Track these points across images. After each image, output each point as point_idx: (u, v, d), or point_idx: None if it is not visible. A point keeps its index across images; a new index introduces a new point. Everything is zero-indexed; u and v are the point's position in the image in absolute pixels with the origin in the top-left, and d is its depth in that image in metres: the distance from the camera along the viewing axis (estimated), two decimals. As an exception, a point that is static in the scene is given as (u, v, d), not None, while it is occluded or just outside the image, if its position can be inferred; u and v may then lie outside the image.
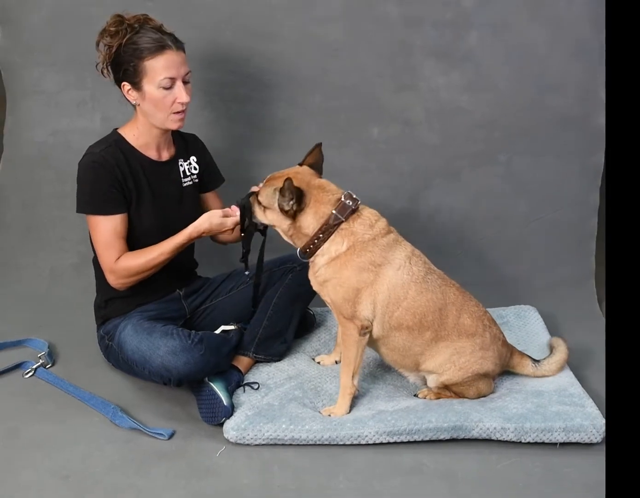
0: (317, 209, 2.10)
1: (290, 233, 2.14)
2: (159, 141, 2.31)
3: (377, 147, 3.07)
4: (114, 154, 2.22)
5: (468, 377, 2.17)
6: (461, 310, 2.17)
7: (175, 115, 2.22)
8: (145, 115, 2.25)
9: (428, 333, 2.14)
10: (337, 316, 2.16)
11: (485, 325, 2.20)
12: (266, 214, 2.15)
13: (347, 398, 2.17)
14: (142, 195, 2.28)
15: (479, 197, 3.11)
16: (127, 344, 2.24)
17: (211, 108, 2.98)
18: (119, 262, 2.23)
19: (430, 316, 2.13)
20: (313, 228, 2.10)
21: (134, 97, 2.22)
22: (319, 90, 3.00)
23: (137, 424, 2.13)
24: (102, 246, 2.24)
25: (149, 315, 2.33)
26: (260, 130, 3.03)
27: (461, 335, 2.15)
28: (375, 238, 2.11)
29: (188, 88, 2.22)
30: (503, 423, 2.07)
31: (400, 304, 2.11)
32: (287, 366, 2.41)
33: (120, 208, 2.23)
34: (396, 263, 2.11)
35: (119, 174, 2.21)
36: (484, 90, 3.02)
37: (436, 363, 2.16)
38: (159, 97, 2.18)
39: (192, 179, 2.44)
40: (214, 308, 2.52)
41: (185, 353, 2.11)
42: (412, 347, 2.15)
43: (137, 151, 2.28)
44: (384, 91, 3.01)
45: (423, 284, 2.12)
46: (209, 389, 2.18)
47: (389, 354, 2.21)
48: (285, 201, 2.07)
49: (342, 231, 2.10)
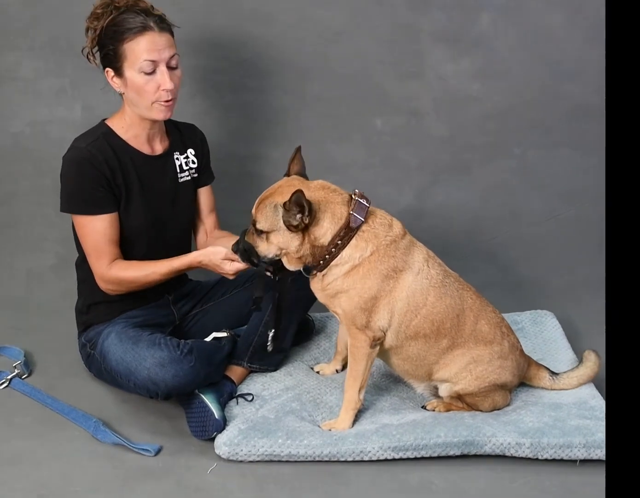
0: (333, 212, 2.02)
1: (301, 253, 2.03)
2: (150, 133, 2.29)
3: (380, 140, 3.07)
4: (102, 148, 2.20)
5: (484, 387, 2.16)
6: (478, 316, 2.16)
7: (161, 104, 2.19)
8: (130, 104, 2.23)
9: (445, 341, 2.13)
10: (347, 327, 2.13)
11: (504, 332, 2.20)
12: (270, 240, 2.03)
13: (350, 413, 2.15)
14: (131, 193, 2.26)
15: (490, 193, 3.12)
16: (110, 354, 2.23)
17: (202, 97, 2.97)
18: (111, 270, 2.22)
19: (448, 323, 2.12)
20: (331, 234, 2.02)
21: (118, 85, 2.20)
22: (319, 78, 3.00)
23: (120, 439, 2.12)
24: (92, 251, 2.22)
25: (135, 321, 2.32)
26: (255, 121, 3.02)
27: (478, 342, 2.15)
28: (395, 240, 2.08)
29: (175, 75, 2.19)
30: (518, 438, 2.05)
31: (418, 312, 2.09)
32: (284, 377, 2.40)
33: (109, 206, 2.21)
34: (416, 267, 2.09)
35: (108, 170, 2.19)
36: (496, 77, 3.02)
37: (451, 372, 2.16)
38: (141, 83, 2.15)
39: (190, 174, 2.42)
40: (205, 314, 2.50)
41: (173, 365, 2.10)
42: (427, 356, 2.14)
43: (127, 145, 2.26)
44: (388, 79, 3.01)
45: (442, 289, 2.11)
46: (199, 401, 2.16)
47: (400, 364, 2.19)
48: (291, 215, 1.97)
49: (363, 233, 2.04)
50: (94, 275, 2.26)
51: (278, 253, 2.07)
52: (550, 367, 2.34)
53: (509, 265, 3.11)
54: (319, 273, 2.09)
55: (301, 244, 2.03)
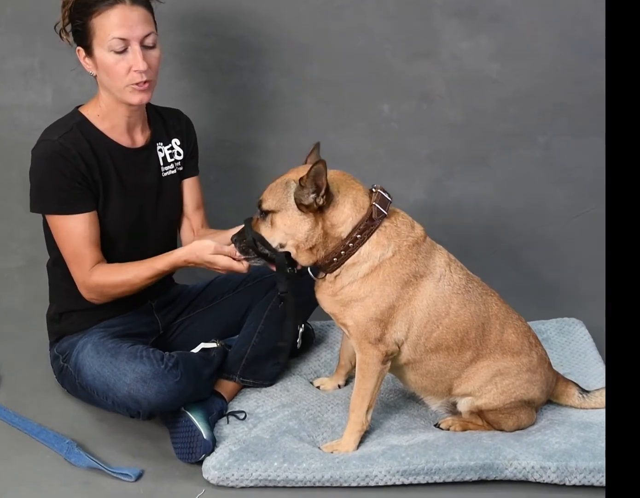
0: (355, 198, 2.00)
1: (313, 241, 1.98)
2: (129, 122, 2.28)
3: (388, 127, 3.07)
4: (77, 141, 2.19)
5: (510, 403, 2.16)
6: (505, 324, 2.16)
7: (135, 87, 2.18)
8: (103, 88, 2.22)
9: (469, 353, 2.13)
10: (357, 341, 2.11)
11: (531, 342, 2.20)
12: (276, 223, 1.99)
13: (356, 435, 2.15)
14: (110, 191, 2.26)
15: (510, 187, 3.11)
16: (86, 367, 2.22)
17: (189, 79, 2.97)
18: (92, 276, 2.22)
19: (473, 332, 2.12)
20: (351, 224, 1.99)
21: (90, 66, 2.20)
22: (319, 57, 2.99)
23: (97, 463, 2.12)
24: (72, 257, 2.22)
25: (114, 331, 2.32)
26: (247, 105, 3.01)
27: (505, 353, 2.15)
28: (418, 242, 2.07)
29: (151, 55, 2.17)
30: (543, 462, 2.05)
31: (440, 322, 2.09)
32: (280, 392, 2.40)
33: (87, 205, 2.21)
34: (437, 272, 2.08)
35: (83, 165, 2.18)
36: (517, 57, 3.00)
37: (474, 385, 2.16)
38: (110, 63, 2.14)
39: (175, 167, 2.41)
40: (193, 322, 2.51)
41: (157, 381, 2.09)
42: (448, 370, 2.15)
43: (104, 136, 2.25)
44: (397, 59, 3.00)
45: (465, 295, 2.11)
46: (185, 420, 2.16)
47: (418, 381, 2.19)
48: (305, 193, 1.92)
49: (385, 229, 2.02)
50: (75, 284, 2.25)
51: (283, 242, 2.01)
52: (579, 383, 2.34)
53: (531, 268, 3.10)
54: (330, 274, 2.06)
55: (312, 229, 1.98)
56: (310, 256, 2.04)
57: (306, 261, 2.05)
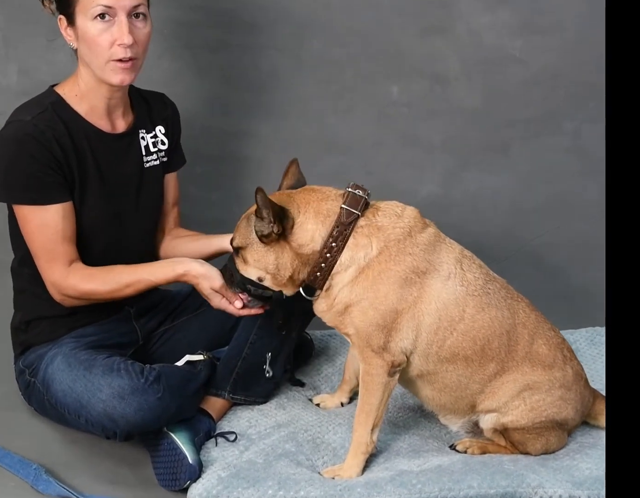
0: (317, 209, 2.06)
1: (288, 269, 2.06)
2: (109, 104, 2.28)
3: (396, 112, 3.08)
4: (52, 123, 2.19)
5: (540, 423, 2.16)
6: (535, 334, 2.16)
7: (117, 63, 2.17)
8: (84, 64, 2.22)
9: (492, 365, 2.13)
10: (360, 349, 2.12)
11: (566, 356, 2.20)
12: (246, 258, 2.09)
13: (360, 457, 2.15)
14: (87, 181, 2.26)
15: (534, 179, 3.12)
16: (56, 382, 2.22)
17: (172, 57, 2.97)
18: (70, 279, 2.21)
19: (495, 341, 2.12)
20: (320, 237, 2.05)
21: (71, 37, 2.20)
22: (319, 34, 3.00)
23: (68, 491, 2.11)
24: (42, 252, 2.21)
25: (88, 341, 2.31)
26: (238, 87, 3.02)
27: (535, 366, 2.15)
28: (411, 233, 2.08)
29: (139, 28, 2.17)
30: (572, 490, 2.05)
31: (454, 328, 2.09)
32: (276, 411, 2.40)
33: (62, 194, 2.20)
34: (444, 269, 2.09)
35: (59, 151, 2.18)
36: (544, 33, 3.02)
37: (500, 401, 2.15)
38: (93, 33, 2.14)
39: (158, 157, 2.41)
40: (176, 331, 2.51)
41: (136, 397, 2.09)
42: (469, 384, 2.15)
43: (82, 119, 2.25)
44: (407, 35, 3.01)
45: (484, 298, 2.11)
46: (168, 442, 2.17)
47: (436, 397, 2.19)
48: (265, 224, 2.01)
49: (362, 229, 2.06)
50: (45, 283, 2.24)
51: (261, 276, 2.10)
52: (613, 398, 2.34)
53: (558, 270, 3.12)
54: (322, 290, 2.10)
55: (280, 258, 2.06)
56: (292, 284, 2.11)
57: (291, 290, 2.12)
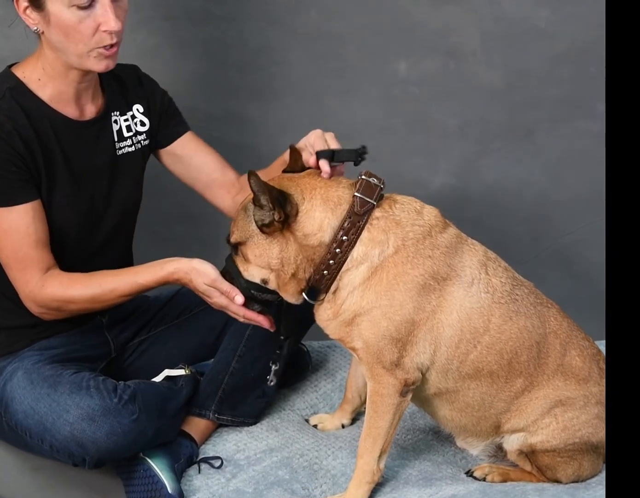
0: (325, 195, 2.03)
1: (292, 265, 2.03)
2: (78, 89, 2.28)
3: (405, 92, 3.09)
4: (11, 113, 2.18)
5: (573, 444, 2.15)
6: (567, 344, 2.16)
7: (102, 51, 2.17)
8: (52, 49, 2.21)
9: (520, 381, 2.13)
10: (368, 367, 2.10)
11: (602, 368, 2.20)
12: (247, 256, 2.06)
13: (365, 487, 2.14)
14: (54, 176, 2.25)
15: (563, 168, 3.14)
16: (16, 402, 2.21)
17: (148, 31, 2.98)
18: (47, 287, 2.20)
19: (524, 354, 2.12)
20: (330, 226, 2.02)
21: (35, 21, 2.19)
22: (317, 2, 3.01)
23: (31, 525, 2.12)
24: (13, 261, 2.21)
25: (53, 354, 2.31)
26: (225, 64, 3.03)
27: (568, 379, 2.15)
28: (431, 232, 2.07)
29: (120, 7, 2.15)
30: (604, 525, 2.05)
31: (479, 341, 2.09)
32: (267, 433, 2.41)
33: (28, 192, 2.20)
34: (467, 274, 2.08)
35: (21, 146, 2.18)
36: (573, 1, 3.01)
37: (528, 419, 2.15)
38: (72, 21, 2.13)
39: (136, 141, 2.41)
40: (154, 342, 2.52)
41: (108, 419, 2.09)
42: (494, 403, 2.15)
43: (45, 105, 2.25)
44: (417, 4, 3.02)
45: (511, 305, 2.11)
46: (144, 468, 2.17)
47: (455, 417, 2.19)
48: (265, 212, 1.99)
49: (378, 221, 2.04)
50: (19, 295, 2.23)
51: (265, 277, 2.07)
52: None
53: (589, 272, 3.13)
54: (328, 293, 2.07)
55: (284, 250, 2.03)
56: (296, 285, 2.07)
57: (294, 294, 2.09)
